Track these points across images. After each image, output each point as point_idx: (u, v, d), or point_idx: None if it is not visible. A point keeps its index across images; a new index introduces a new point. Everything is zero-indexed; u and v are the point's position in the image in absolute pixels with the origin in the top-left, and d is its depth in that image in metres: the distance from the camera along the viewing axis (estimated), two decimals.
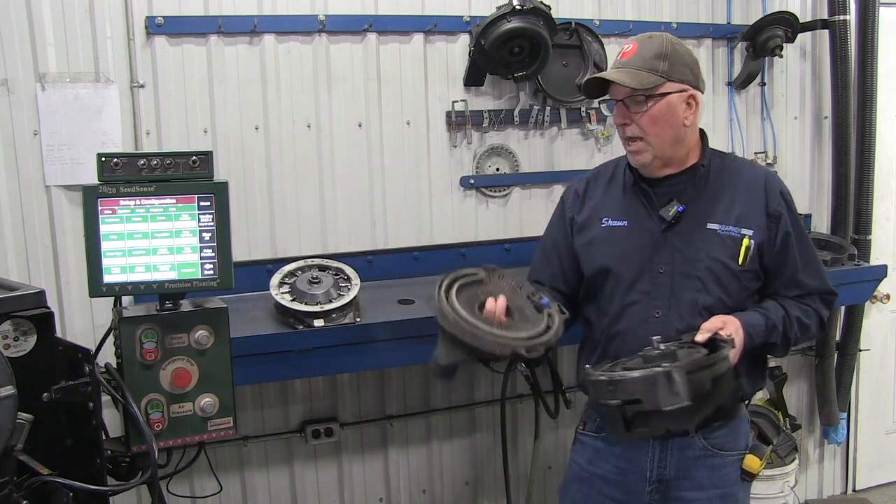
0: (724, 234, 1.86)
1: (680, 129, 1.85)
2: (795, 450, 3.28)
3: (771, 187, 1.90)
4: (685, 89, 1.85)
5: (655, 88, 1.82)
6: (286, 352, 2.25)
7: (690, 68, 1.87)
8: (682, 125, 1.85)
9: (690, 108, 1.86)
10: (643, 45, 1.86)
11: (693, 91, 1.86)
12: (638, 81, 1.81)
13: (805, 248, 1.91)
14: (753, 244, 1.85)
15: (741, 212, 1.87)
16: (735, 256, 1.85)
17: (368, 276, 2.61)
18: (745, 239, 1.85)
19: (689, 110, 1.85)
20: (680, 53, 1.86)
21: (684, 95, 1.84)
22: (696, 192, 1.90)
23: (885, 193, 3.59)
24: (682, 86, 1.84)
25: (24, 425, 1.42)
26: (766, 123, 3.40)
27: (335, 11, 2.67)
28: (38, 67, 2.35)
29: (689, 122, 1.86)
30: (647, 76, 1.81)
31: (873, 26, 3.18)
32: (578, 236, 2.03)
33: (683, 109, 1.85)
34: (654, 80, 1.81)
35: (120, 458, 1.74)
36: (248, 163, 2.64)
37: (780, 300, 1.90)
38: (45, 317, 1.54)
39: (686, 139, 1.89)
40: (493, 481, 3.10)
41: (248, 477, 2.76)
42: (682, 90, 1.84)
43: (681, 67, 1.84)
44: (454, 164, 2.91)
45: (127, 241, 1.66)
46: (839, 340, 3.47)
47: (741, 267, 1.85)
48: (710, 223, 1.87)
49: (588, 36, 2.95)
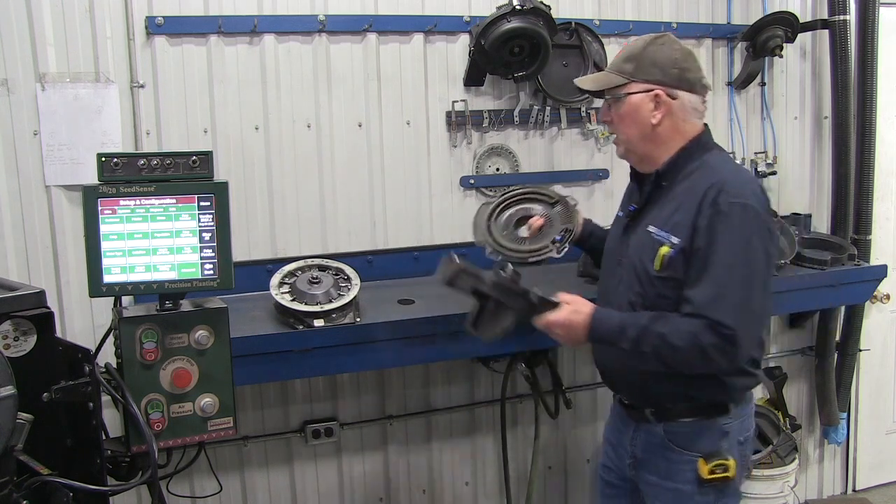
0: (655, 237, 1.86)
1: (647, 127, 1.88)
2: (795, 450, 3.28)
3: (708, 200, 1.76)
4: (650, 89, 1.86)
5: (618, 89, 1.89)
6: (286, 352, 2.25)
7: (661, 67, 1.86)
8: (649, 124, 1.87)
9: (658, 107, 1.86)
10: (628, 46, 1.95)
11: (659, 90, 1.86)
12: (597, 84, 1.93)
13: (714, 268, 1.73)
14: (673, 252, 1.80)
15: (679, 219, 1.82)
16: (654, 261, 1.84)
17: (368, 276, 2.61)
18: (665, 246, 1.81)
19: (656, 109, 1.86)
20: (652, 53, 1.87)
21: (650, 95, 1.86)
22: (655, 194, 1.92)
23: (885, 193, 3.59)
24: (648, 86, 1.86)
25: (24, 425, 1.42)
26: (766, 123, 3.40)
27: (335, 11, 2.67)
28: (38, 67, 2.35)
29: (656, 120, 1.87)
30: (609, 78, 1.91)
31: (873, 26, 3.18)
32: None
33: (650, 109, 1.86)
34: (616, 80, 1.89)
35: (120, 458, 1.74)
36: (248, 163, 2.64)
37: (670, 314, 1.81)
38: (45, 317, 1.54)
39: (659, 138, 1.89)
40: (493, 481, 3.10)
41: (248, 477, 2.76)
42: (647, 90, 1.86)
43: (649, 68, 1.86)
44: (454, 164, 2.91)
45: (127, 241, 1.66)
46: (839, 340, 3.47)
47: (657, 273, 1.83)
48: (651, 225, 1.88)
49: (588, 36, 2.95)
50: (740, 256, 1.73)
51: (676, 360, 1.77)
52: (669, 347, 1.76)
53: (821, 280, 2.98)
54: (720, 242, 1.73)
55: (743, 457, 1.94)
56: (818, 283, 2.98)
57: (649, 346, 1.78)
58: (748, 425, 1.97)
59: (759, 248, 1.75)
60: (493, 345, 2.50)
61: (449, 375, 2.97)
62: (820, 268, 2.99)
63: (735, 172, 1.87)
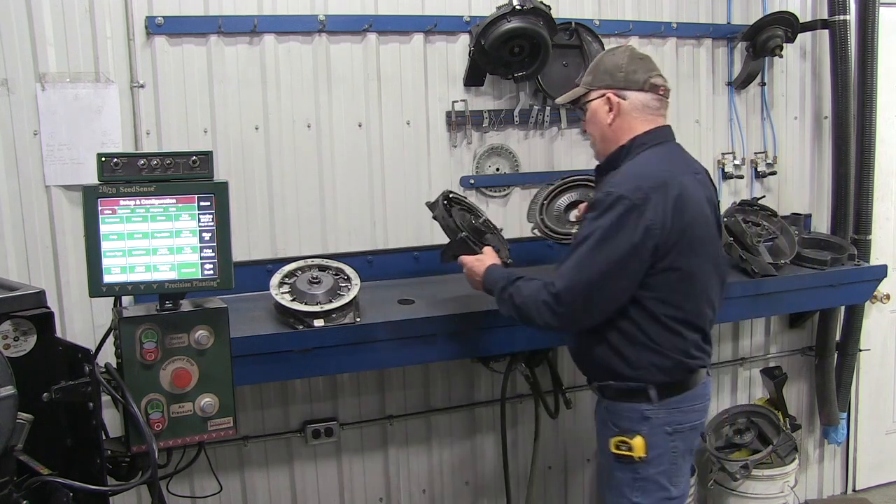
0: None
1: (605, 128, 2.07)
2: (795, 450, 3.28)
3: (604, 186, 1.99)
4: (603, 93, 2.06)
5: (580, 99, 2.14)
6: (286, 352, 2.25)
7: (611, 73, 2.05)
8: (606, 124, 2.07)
9: (611, 109, 2.05)
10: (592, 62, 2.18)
11: (609, 92, 2.04)
12: (567, 97, 2.20)
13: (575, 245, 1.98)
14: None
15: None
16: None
17: (368, 276, 2.62)
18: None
19: (609, 112, 2.05)
20: (603, 62, 2.09)
21: (603, 98, 2.06)
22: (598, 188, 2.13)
23: (885, 193, 3.59)
24: (601, 91, 2.07)
25: (24, 425, 1.42)
26: (766, 123, 3.40)
27: (335, 11, 2.67)
28: (38, 67, 2.35)
29: (610, 120, 2.05)
30: (576, 91, 2.16)
31: (873, 26, 3.18)
32: None
33: (605, 112, 2.06)
34: (579, 92, 2.14)
35: (120, 458, 1.74)
36: (248, 163, 2.64)
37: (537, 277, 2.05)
38: (45, 317, 1.54)
39: (614, 136, 2.06)
40: (493, 481, 3.09)
41: (248, 477, 2.76)
42: (601, 95, 2.07)
43: (601, 75, 2.08)
44: (454, 164, 2.91)
45: (127, 241, 1.66)
46: (839, 340, 3.47)
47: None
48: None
49: (588, 36, 2.95)
50: (596, 238, 1.91)
51: (520, 310, 2.03)
52: (517, 298, 2.03)
53: (821, 280, 2.99)
54: (586, 225, 1.96)
55: (668, 447, 2.01)
56: (818, 283, 2.99)
57: (507, 295, 2.05)
58: (681, 419, 2.03)
59: (613, 233, 1.89)
60: (492, 344, 2.52)
61: (449, 375, 2.98)
62: (820, 268, 3.00)
63: (642, 166, 1.99)
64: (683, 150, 2.12)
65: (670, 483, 2.04)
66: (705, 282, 2.02)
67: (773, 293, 2.90)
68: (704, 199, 2.03)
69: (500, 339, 2.49)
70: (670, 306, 1.96)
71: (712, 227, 2.05)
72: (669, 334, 1.98)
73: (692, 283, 1.98)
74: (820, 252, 3.11)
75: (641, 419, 2.01)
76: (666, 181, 1.92)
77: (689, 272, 1.96)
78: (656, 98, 2.05)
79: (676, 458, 2.04)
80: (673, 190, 1.92)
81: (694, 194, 1.98)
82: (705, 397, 2.11)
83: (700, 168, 2.12)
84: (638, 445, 1.99)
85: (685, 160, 2.09)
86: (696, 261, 1.97)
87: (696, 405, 2.07)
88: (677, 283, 1.95)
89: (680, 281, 1.96)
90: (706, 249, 2.00)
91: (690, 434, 2.07)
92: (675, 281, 1.95)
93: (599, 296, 1.93)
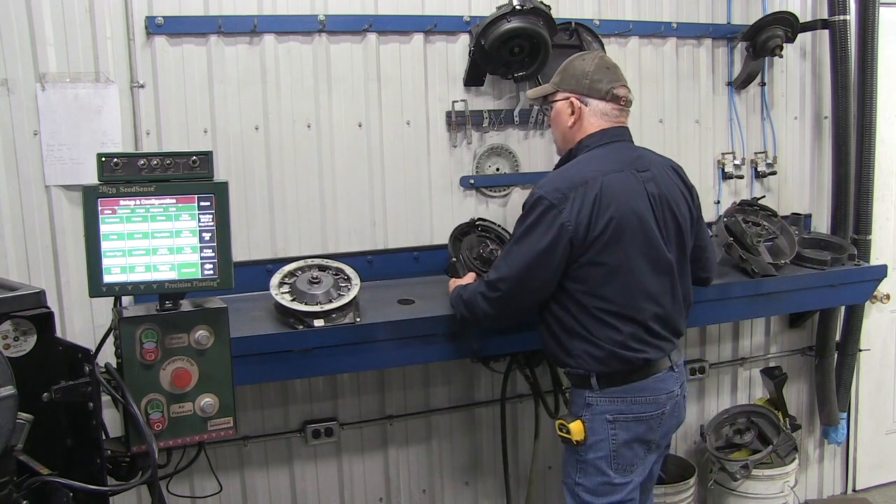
0: None
1: (566, 129, 2.21)
2: (795, 450, 3.28)
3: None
4: (567, 97, 2.19)
5: (548, 98, 2.26)
6: (286, 352, 2.25)
7: (576, 78, 2.17)
8: (567, 126, 2.20)
9: (572, 113, 2.18)
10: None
11: (574, 97, 2.17)
12: (535, 92, 2.34)
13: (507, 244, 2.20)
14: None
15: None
16: None
17: (368, 276, 2.62)
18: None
19: (571, 115, 2.18)
20: (571, 66, 2.20)
21: (567, 102, 2.19)
22: None
23: (885, 193, 3.59)
24: (566, 94, 2.19)
25: (24, 425, 1.42)
26: (766, 123, 3.40)
27: (335, 11, 2.67)
28: (38, 67, 2.35)
29: (570, 123, 2.19)
30: (544, 88, 2.28)
31: (873, 26, 3.18)
32: None
33: (567, 114, 2.19)
34: (547, 90, 2.26)
35: (120, 458, 1.74)
36: (248, 163, 2.64)
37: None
38: (45, 317, 1.54)
39: (572, 138, 2.21)
40: (493, 481, 3.10)
41: (248, 477, 2.76)
42: (565, 98, 2.19)
43: (568, 79, 2.20)
44: (454, 164, 2.91)
45: (127, 241, 1.66)
46: (839, 340, 3.47)
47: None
48: None
49: (588, 36, 2.94)
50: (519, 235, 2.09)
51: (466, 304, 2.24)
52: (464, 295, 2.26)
53: (821, 280, 2.99)
54: (517, 223, 2.13)
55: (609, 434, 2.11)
56: (818, 283, 2.99)
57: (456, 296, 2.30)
58: (623, 409, 2.11)
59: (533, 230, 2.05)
60: (492, 345, 2.52)
61: (449, 375, 2.98)
62: (820, 268, 3.00)
63: (569, 168, 2.15)
64: (631, 148, 2.21)
65: (611, 469, 2.13)
66: (638, 276, 2.08)
67: (773, 293, 2.90)
68: (642, 195, 2.10)
69: (501, 339, 2.49)
70: (599, 299, 2.07)
71: (648, 223, 2.08)
72: (601, 326, 2.08)
73: (620, 277, 2.06)
74: (820, 252, 3.11)
75: (584, 405, 2.15)
76: (587, 180, 2.04)
77: (615, 267, 2.05)
78: (616, 108, 2.17)
79: (618, 446, 2.12)
80: (593, 188, 2.03)
81: (622, 191, 2.06)
82: (657, 390, 2.14)
83: (652, 164, 2.18)
84: (575, 430, 2.13)
85: (627, 158, 2.15)
86: (621, 256, 2.05)
87: (644, 397, 2.13)
88: (604, 276, 2.05)
89: (606, 275, 2.05)
90: (636, 244, 2.07)
91: (635, 425, 2.12)
92: (601, 275, 2.05)
93: (526, 285, 2.09)
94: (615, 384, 2.11)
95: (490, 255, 2.64)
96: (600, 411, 2.12)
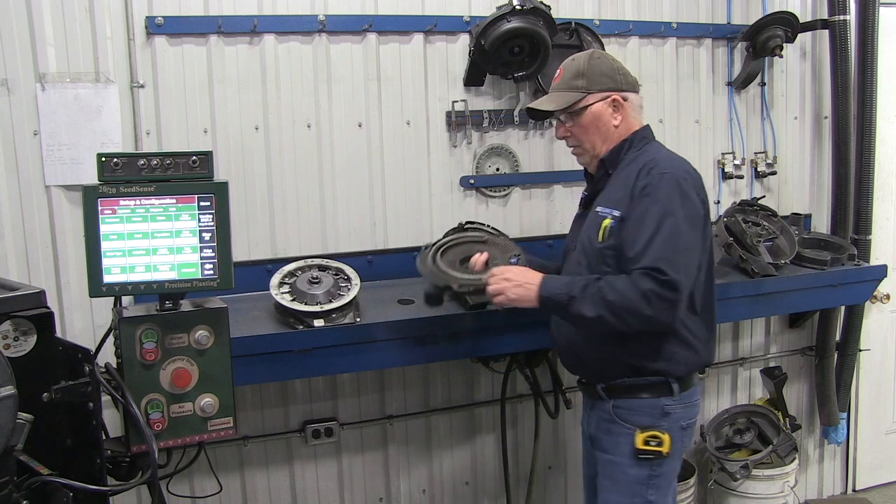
0: (601, 214, 2.03)
1: (610, 130, 2.08)
2: (795, 450, 3.28)
3: (643, 174, 1.96)
4: (607, 95, 2.07)
5: (578, 103, 2.07)
6: (286, 352, 2.25)
7: (609, 76, 2.07)
8: (612, 127, 2.08)
9: (617, 110, 2.07)
10: (566, 68, 2.12)
11: (616, 94, 2.06)
12: (558, 103, 2.09)
13: (642, 226, 1.89)
14: (614, 223, 1.97)
15: (620, 195, 2.00)
16: (599, 234, 2.01)
17: (368, 276, 2.62)
18: (607, 219, 1.99)
19: (616, 112, 2.07)
20: (597, 66, 2.07)
21: (608, 101, 2.07)
22: (602, 182, 2.12)
23: (885, 193, 3.59)
24: (604, 94, 2.07)
25: (24, 425, 1.42)
26: (766, 123, 3.40)
27: (335, 11, 2.67)
28: (38, 67, 2.35)
29: (617, 122, 2.08)
30: (568, 97, 2.08)
31: (873, 26, 3.18)
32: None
33: (610, 113, 2.07)
34: (575, 97, 2.07)
35: (120, 458, 1.74)
36: (248, 163, 2.64)
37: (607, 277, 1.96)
38: (45, 317, 1.54)
39: (616, 136, 2.09)
40: (493, 481, 3.10)
41: (248, 477, 2.76)
42: (605, 97, 2.07)
43: (599, 78, 2.07)
44: (454, 164, 2.91)
45: (127, 241, 1.66)
46: (839, 340, 3.47)
47: (600, 243, 1.99)
48: (598, 206, 2.06)
49: (588, 36, 2.94)
50: (667, 217, 1.88)
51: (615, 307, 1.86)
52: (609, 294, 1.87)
53: (821, 280, 2.99)
54: (649, 205, 1.91)
55: (682, 442, 2.06)
56: (818, 283, 2.99)
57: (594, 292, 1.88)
58: (692, 413, 2.07)
59: (680, 210, 1.89)
60: (492, 345, 2.52)
61: (449, 375, 2.97)
62: (820, 268, 3.00)
63: (668, 156, 2.06)
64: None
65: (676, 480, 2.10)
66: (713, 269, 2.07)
67: (773, 293, 2.90)
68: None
69: (500, 339, 2.49)
70: (701, 294, 2.00)
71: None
72: (700, 323, 2.01)
73: (711, 271, 2.04)
74: (820, 252, 3.11)
75: (661, 415, 2.00)
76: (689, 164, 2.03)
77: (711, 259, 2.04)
78: (641, 98, 2.16)
79: (680, 456, 2.07)
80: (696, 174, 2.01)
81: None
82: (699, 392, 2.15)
83: None
84: (667, 440, 1.98)
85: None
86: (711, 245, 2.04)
87: (698, 400, 2.11)
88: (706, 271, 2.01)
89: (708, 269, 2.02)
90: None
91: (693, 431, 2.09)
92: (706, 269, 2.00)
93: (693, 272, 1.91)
94: (687, 388, 2.03)
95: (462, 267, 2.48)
96: (677, 419, 2.01)
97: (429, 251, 2.27)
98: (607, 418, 2.07)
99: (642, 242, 1.87)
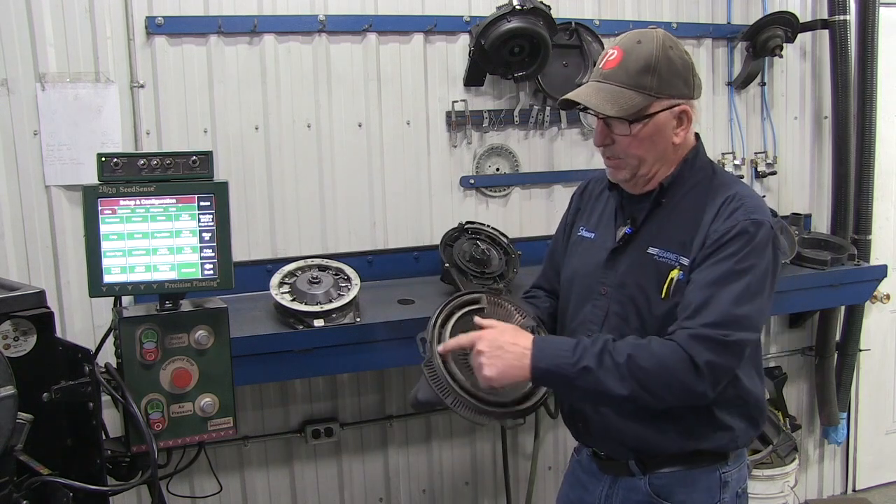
0: (659, 260, 1.59)
1: (668, 148, 1.61)
2: (795, 450, 3.28)
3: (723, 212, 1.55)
4: (676, 104, 1.58)
5: (643, 111, 1.56)
6: (286, 352, 2.25)
7: (684, 78, 1.59)
8: (670, 143, 1.61)
9: (682, 123, 1.61)
10: (629, 53, 1.56)
11: (685, 105, 1.59)
12: (619, 107, 1.55)
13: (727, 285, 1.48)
14: (682, 275, 1.55)
15: (683, 235, 1.58)
16: (660, 287, 1.57)
17: (368, 276, 2.62)
18: (675, 269, 1.56)
19: (679, 127, 1.61)
20: (672, 61, 1.57)
21: (675, 111, 1.59)
22: (655, 212, 1.64)
23: (885, 193, 3.59)
24: (673, 101, 1.58)
25: (24, 425, 1.42)
26: (766, 123, 3.40)
27: (335, 11, 2.67)
28: (38, 67, 2.35)
29: (679, 138, 1.61)
30: (631, 98, 1.55)
31: (873, 26, 3.18)
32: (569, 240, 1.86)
33: (673, 127, 1.60)
34: (641, 101, 1.55)
35: (120, 458, 1.74)
36: (248, 163, 2.64)
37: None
38: (45, 317, 1.54)
39: (675, 157, 1.64)
40: (493, 481, 3.09)
41: (248, 477, 2.76)
42: (673, 105, 1.58)
43: (673, 80, 1.57)
44: (454, 164, 2.91)
45: (127, 241, 1.66)
46: (839, 340, 3.47)
47: (663, 300, 1.56)
48: (652, 247, 1.61)
49: (588, 36, 2.95)
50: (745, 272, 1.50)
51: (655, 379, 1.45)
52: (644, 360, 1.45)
53: (821, 280, 2.99)
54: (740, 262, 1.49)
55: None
56: (818, 283, 2.99)
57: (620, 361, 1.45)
58: (745, 474, 1.72)
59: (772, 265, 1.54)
60: None
61: None
62: (820, 268, 3.00)
63: (749, 193, 1.63)
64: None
65: None
66: None
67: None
68: None
69: None
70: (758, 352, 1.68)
71: None
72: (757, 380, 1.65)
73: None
74: (820, 252, 3.11)
75: (721, 486, 1.63)
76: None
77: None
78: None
79: None
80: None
81: None
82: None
83: None
84: None
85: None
86: None
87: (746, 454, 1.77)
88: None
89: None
90: None
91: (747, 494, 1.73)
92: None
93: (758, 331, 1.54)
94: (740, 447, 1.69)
95: (482, 255, 2.59)
96: (734, 486, 1.65)
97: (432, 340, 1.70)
98: (646, 499, 1.65)
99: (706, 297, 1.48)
